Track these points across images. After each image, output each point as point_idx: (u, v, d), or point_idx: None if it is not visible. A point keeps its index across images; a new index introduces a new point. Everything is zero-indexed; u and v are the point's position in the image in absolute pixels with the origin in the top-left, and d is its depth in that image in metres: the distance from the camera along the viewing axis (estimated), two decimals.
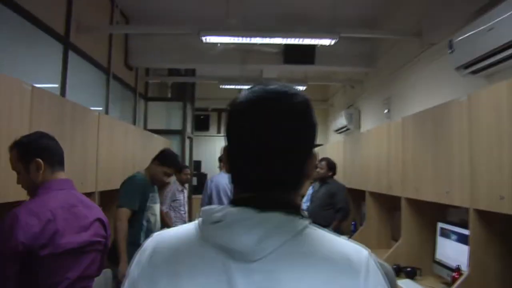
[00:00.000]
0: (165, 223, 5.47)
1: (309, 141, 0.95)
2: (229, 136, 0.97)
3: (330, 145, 7.90)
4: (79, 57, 5.24)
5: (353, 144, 6.17)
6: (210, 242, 0.86)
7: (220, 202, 5.38)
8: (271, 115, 0.91)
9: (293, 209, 0.90)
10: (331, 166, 5.94)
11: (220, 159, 6.11)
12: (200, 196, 8.91)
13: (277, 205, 0.87)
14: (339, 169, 6.50)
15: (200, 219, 0.91)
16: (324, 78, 9.20)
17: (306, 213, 0.93)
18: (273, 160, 0.90)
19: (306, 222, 0.89)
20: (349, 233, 6.32)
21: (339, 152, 6.83)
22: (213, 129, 11.53)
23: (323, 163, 5.94)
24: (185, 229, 0.93)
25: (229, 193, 5.34)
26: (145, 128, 8.19)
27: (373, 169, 5.08)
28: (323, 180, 5.96)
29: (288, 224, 0.87)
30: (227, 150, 0.98)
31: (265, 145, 0.90)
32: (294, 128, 0.92)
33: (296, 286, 0.82)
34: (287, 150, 0.91)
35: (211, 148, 11.34)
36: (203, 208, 0.91)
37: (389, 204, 5.20)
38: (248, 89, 0.98)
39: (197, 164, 10.22)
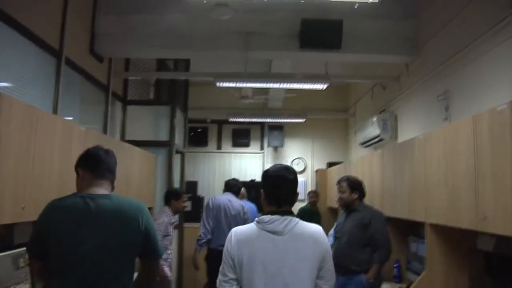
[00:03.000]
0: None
1: (296, 186, 2.30)
2: (265, 186, 2.30)
3: (357, 161, 6.12)
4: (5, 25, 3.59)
5: (396, 157, 4.40)
6: (265, 229, 2.15)
7: (219, 222, 5.44)
8: (287, 171, 2.29)
9: (293, 214, 2.22)
10: (355, 186, 4.25)
11: (228, 184, 5.83)
12: (194, 225, 7.13)
13: (287, 213, 2.20)
14: (373, 192, 4.78)
15: (255, 222, 2.22)
16: (348, 75, 7.35)
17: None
18: (285, 195, 2.25)
19: (298, 219, 2.20)
20: (390, 279, 4.58)
21: (374, 170, 5.07)
22: (212, 144, 9.76)
23: (343, 184, 4.26)
24: (250, 226, 2.23)
25: (227, 211, 5.44)
26: (122, 138, 6.50)
27: (440, 191, 3.32)
28: (349, 207, 4.26)
29: (293, 220, 2.18)
30: (265, 189, 2.30)
31: (282, 189, 2.25)
32: (292, 183, 2.27)
33: (299, 244, 2.13)
34: (290, 191, 2.27)
35: (210, 166, 9.60)
36: (260, 217, 2.21)
37: (462, 243, 3.45)
38: (273, 166, 2.39)
39: (192, 186, 8.47)
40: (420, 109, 5.34)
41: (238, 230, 2.22)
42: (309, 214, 7.61)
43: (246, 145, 9.74)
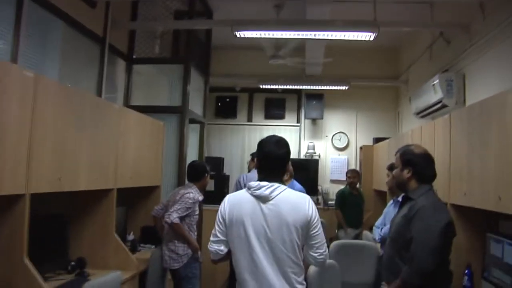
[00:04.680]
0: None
1: (288, 156, 2.42)
2: (257, 156, 2.44)
3: (413, 133, 4.82)
4: None
5: (472, 123, 3.13)
6: (253, 194, 2.28)
7: None
8: (276, 146, 2.37)
9: (281, 182, 2.33)
10: (409, 158, 2.85)
11: (253, 156, 5.36)
12: (216, 207, 5.96)
13: (275, 180, 2.31)
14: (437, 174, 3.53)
15: (246, 188, 2.34)
16: (402, 21, 5.79)
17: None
18: (273, 167, 2.36)
19: (285, 187, 2.32)
20: None
21: (437, 143, 3.83)
22: (242, 116, 8.63)
23: (396, 156, 2.97)
24: (242, 192, 2.38)
25: None
26: (126, 104, 5.46)
27: None
28: (400, 191, 3.01)
29: (279, 187, 2.27)
30: (258, 158, 2.45)
31: (274, 156, 2.36)
32: (281, 157, 2.37)
33: (282, 210, 2.22)
34: (281, 158, 2.37)
35: (239, 141, 8.50)
36: (249, 183, 2.32)
37: None
38: (267, 137, 2.45)
39: (217, 162, 7.35)
40: (500, 63, 4.02)
41: (231, 195, 2.46)
42: (348, 198, 6.47)
43: (281, 116, 8.56)
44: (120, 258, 3.86)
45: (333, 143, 8.34)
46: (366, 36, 4.60)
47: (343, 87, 7.47)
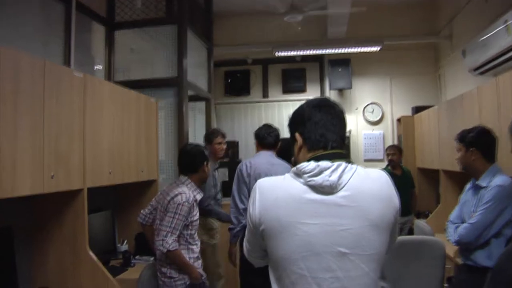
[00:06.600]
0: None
1: (345, 123, 1.54)
2: (305, 124, 1.49)
3: (481, 91, 3.66)
4: None
5: None
6: (308, 184, 1.35)
7: None
8: (332, 108, 1.52)
9: (346, 158, 1.42)
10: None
11: (258, 136, 3.91)
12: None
13: (338, 156, 1.41)
14: None
15: (292, 173, 1.41)
16: None
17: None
18: (336, 131, 1.48)
19: (355, 164, 1.42)
20: None
21: None
22: (256, 92, 7.48)
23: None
24: (283, 179, 1.42)
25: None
26: (109, 79, 4.38)
27: None
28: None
29: (349, 167, 1.38)
30: (302, 135, 1.49)
31: (331, 124, 1.47)
32: (343, 116, 1.53)
33: (365, 200, 1.34)
34: (341, 126, 1.51)
35: (254, 121, 7.32)
36: (300, 166, 1.39)
37: None
38: (310, 100, 1.56)
39: (231, 147, 6.24)
40: None
41: (264, 184, 1.45)
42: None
43: (301, 89, 7.33)
44: (98, 282, 2.82)
45: (364, 116, 7.14)
46: None
47: (374, 48, 6.29)
